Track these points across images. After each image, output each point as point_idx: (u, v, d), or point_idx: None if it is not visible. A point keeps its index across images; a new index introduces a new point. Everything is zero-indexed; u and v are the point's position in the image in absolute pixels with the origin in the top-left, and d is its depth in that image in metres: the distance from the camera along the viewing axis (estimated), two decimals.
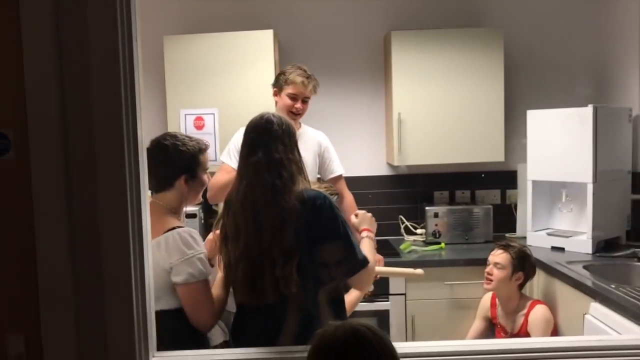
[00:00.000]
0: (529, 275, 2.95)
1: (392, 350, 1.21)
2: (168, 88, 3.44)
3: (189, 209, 3.26)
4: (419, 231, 3.78)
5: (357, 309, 2.91)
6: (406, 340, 3.25)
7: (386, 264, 3.04)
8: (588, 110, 3.15)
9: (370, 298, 3.21)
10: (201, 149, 2.07)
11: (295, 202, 1.84)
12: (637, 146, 3.47)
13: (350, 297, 2.27)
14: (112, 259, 1.44)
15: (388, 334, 3.16)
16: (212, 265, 2.05)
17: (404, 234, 3.82)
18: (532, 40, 3.79)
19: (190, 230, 1.98)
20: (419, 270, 2.70)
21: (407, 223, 3.82)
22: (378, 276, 2.66)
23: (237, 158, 2.56)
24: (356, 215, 2.25)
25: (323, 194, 1.92)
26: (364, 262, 1.92)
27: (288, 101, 2.94)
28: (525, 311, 2.90)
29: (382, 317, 3.24)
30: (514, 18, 3.75)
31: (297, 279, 1.83)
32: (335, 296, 1.98)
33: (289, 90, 2.94)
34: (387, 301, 3.25)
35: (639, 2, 3.39)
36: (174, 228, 1.95)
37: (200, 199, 2.15)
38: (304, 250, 1.85)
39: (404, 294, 3.26)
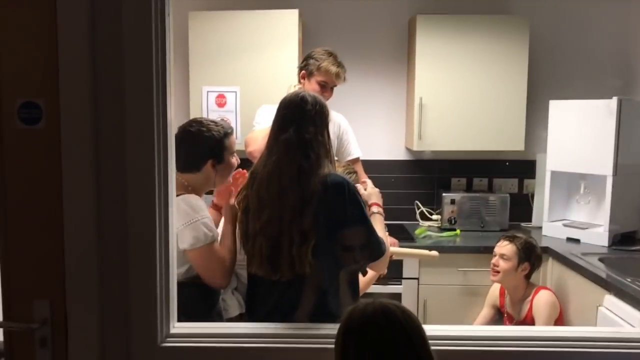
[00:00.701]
0: (535, 266, 2.95)
1: (420, 329, 1.22)
2: (191, 64, 3.46)
3: None
4: (434, 217, 3.80)
5: (371, 291, 2.96)
6: None
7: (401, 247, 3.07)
8: (613, 102, 3.12)
9: (383, 281, 3.22)
10: (227, 133, 2.10)
11: (318, 185, 1.85)
12: None
13: (366, 277, 2.30)
14: (138, 227, 1.47)
15: None
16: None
17: (420, 220, 3.83)
18: (558, 30, 3.75)
19: (191, 196, 2.02)
20: (434, 252, 2.75)
21: (422, 208, 3.84)
22: (392, 257, 2.70)
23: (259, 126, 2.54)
24: (364, 188, 2.24)
25: (346, 180, 1.93)
26: (384, 248, 1.95)
27: (317, 87, 2.91)
28: (530, 298, 2.92)
29: (395, 300, 3.26)
30: (541, 7, 3.70)
31: (312, 260, 1.85)
32: (351, 279, 2.01)
33: (320, 77, 2.90)
34: (400, 285, 3.28)
35: None
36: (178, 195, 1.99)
37: (229, 180, 2.18)
38: (322, 233, 1.86)
39: (417, 278, 3.28)
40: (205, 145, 2.06)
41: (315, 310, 1.90)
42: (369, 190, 2.23)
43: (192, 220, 1.96)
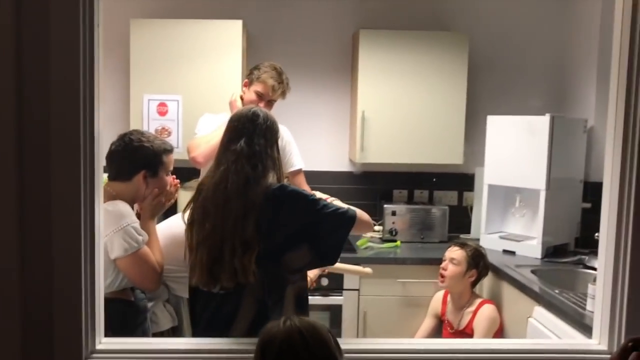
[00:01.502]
0: (481, 274, 3.03)
1: (327, 345, 1.25)
2: (132, 72, 3.41)
3: None
4: (376, 228, 3.84)
5: (312, 302, 2.98)
6: (357, 335, 3.30)
7: (341, 260, 3.09)
8: (545, 119, 3.24)
9: (324, 292, 3.26)
10: (166, 149, 2.12)
11: (262, 195, 1.89)
12: (590, 156, 3.58)
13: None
14: (62, 237, 1.44)
15: (340, 328, 3.24)
16: None
17: None
18: (496, 48, 3.87)
19: (119, 202, 2.00)
20: (368, 269, 2.87)
21: None
22: (327, 271, 2.76)
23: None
24: None
25: (286, 185, 1.98)
26: (353, 212, 2.03)
27: (253, 97, 2.94)
28: (473, 309, 2.99)
29: (335, 311, 3.29)
30: (480, 25, 3.82)
31: (255, 269, 1.86)
32: (296, 290, 2.02)
33: (257, 87, 2.93)
34: (341, 296, 3.30)
35: (599, 16, 3.50)
36: None
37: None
38: (266, 243, 1.89)
39: (358, 290, 3.31)
40: (142, 154, 2.05)
41: (258, 321, 1.90)
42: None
43: (122, 226, 1.93)
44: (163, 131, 3.45)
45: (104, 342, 1.59)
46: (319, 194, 2.32)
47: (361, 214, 2.07)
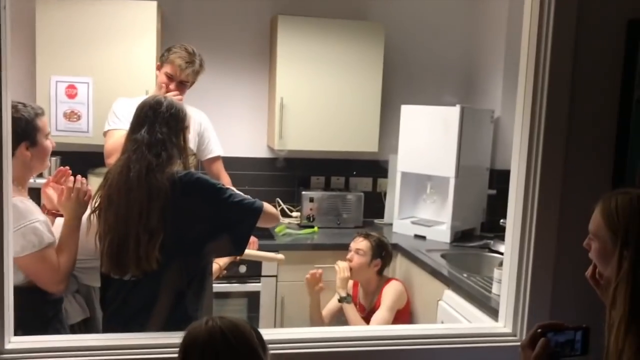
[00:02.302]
0: (386, 262, 3.13)
1: (249, 344, 1.27)
2: (39, 53, 3.23)
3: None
4: (294, 214, 3.88)
5: (230, 289, 2.98)
6: (275, 321, 3.34)
7: (260, 247, 3.12)
8: (455, 110, 3.38)
9: (242, 280, 3.26)
10: (37, 113, 2.00)
11: (165, 182, 1.89)
12: (497, 145, 3.78)
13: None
14: None
15: (257, 314, 3.26)
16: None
17: (280, 217, 3.89)
18: (411, 38, 3.97)
19: (17, 199, 1.89)
20: (280, 255, 2.94)
21: (283, 206, 3.90)
22: (238, 259, 2.80)
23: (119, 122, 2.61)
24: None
25: (193, 172, 2.00)
26: (260, 204, 2.03)
27: (164, 79, 2.87)
28: (381, 289, 3.09)
29: (253, 298, 3.30)
30: (396, 15, 3.90)
31: (159, 257, 1.88)
32: (201, 278, 2.05)
33: (167, 69, 2.87)
34: (259, 282, 3.32)
35: (507, 11, 3.67)
36: None
37: (47, 164, 2.12)
38: (171, 231, 1.90)
39: (276, 276, 3.34)
40: (16, 127, 1.85)
41: (167, 309, 1.94)
42: None
43: (20, 226, 1.84)
44: (72, 114, 3.30)
45: (13, 341, 1.53)
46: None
47: (268, 206, 2.08)
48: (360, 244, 3.09)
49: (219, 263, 2.63)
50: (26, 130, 1.95)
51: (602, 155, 1.87)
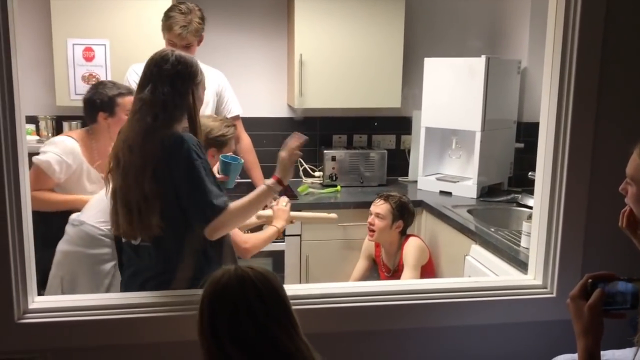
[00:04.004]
0: (408, 223, 3.09)
1: (279, 294, 1.23)
2: (54, 15, 3.18)
3: None
4: (316, 174, 3.83)
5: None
6: (300, 280, 3.33)
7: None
8: (481, 61, 3.27)
9: None
10: (120, 92, 2.47)
11: (157, 145, 1.77)
12: (523, 97, 3.66)
13: (263, 234, 2.49)
14: None
15: (282, 273, 3.26)
16: None
17: (302, 177, 3.86)
18: None
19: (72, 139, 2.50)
20: (333, 215, 2.87)
21: (305, 166, 3.86)
22: (294, 221, 2.75)
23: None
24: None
25: (185, 137, 1.80)
26: (218, 208, 1.78)
27: (168, 45, 2.82)
28: (402, 248, 3.06)
29: (278, 257, 3.29)
30: None
31: (159, 222, 1.78)
32: (198, 242, 1.86)
33: (168, 36, 2.83)
34: (283, 242, 3.30)
35: None
36: None
37: None
38: (165, 194, 1.80)
39: (300, 235, 3.32)
40: (96, 99, 2.45)
41: (179, 275, 1.84)
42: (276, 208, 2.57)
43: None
44: (90, 77, 3.27)
45: (37, 301, 1.53)
46: (284, 200, 2.61)
47: (230, 216, 1.80)
48: (380, 207, 3.04)
49: (277, 226, 2.54)
50: (106, 103, 2.44)
51: (637, 101, 1.78)
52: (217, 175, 2.22)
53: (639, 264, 1.50)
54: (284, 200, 2.66)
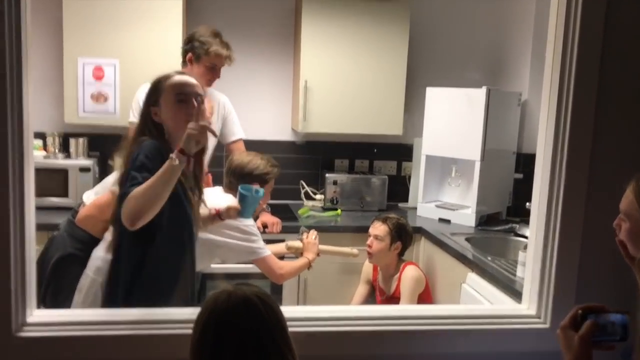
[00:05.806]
0: (406, 245, 3.11)
1: (281, 320, 1.24)
2: (66, 35, 3.25)
3: (83, 162, 3.18)
4: (317, 197, 3.87)
5: (254, 270, 2.91)
6: (297, 302, 3.34)
7: (283, 228, 3.13)
8: (481, 92, 3.32)
9: None
10: None
11: (133, 150, 1.83)
12: (523, 129, 3.71)
13: (296, 263, 2.72)
14: None
15: (280, 295, 3.27)
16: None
17: (304, 199, 3.89)
18: (437, 18, 3.91)
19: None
20: (355, 251, 2.94)
21: (307, 188, 3.90)
22: (319, 254, 2.83)
23: None
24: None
25: (145, 143, 1.81)
26: (124, 195, 1.69)
27: (204, 70, 2.88)
28: (399, 274, 3.07)
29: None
30: None
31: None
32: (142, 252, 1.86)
33: (210, 61, 2.89)
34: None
35: None
36: None
37: None
38: None
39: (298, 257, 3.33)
40: None
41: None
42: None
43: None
44: (99, 96, 3.33)
45: (35, 315, 1.55)
46: (313, 233, 2.78)
47: (131, 207, 1.67)
48: (377, 229, 3.06)
49: (308, 257, 2.75)
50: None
51: (632, 139, 1.81)
52: (234, 204, 2.30)
53: (633, 296, 1.52)
54: (313, 234, 2.82)
